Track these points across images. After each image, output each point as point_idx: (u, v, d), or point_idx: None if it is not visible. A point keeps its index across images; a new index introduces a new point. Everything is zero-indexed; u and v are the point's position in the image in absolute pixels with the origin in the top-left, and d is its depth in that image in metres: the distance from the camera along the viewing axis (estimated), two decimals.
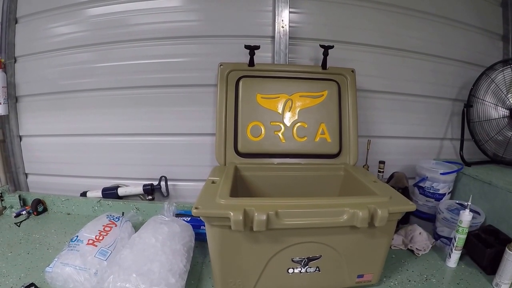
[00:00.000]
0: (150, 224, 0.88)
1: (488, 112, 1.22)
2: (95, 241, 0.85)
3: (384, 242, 0.78)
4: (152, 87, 1.25)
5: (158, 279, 0.71)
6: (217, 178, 0.88)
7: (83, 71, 1.26)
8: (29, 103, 1.34)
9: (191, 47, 1.22)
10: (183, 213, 1.09)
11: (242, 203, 0.68)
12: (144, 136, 1.30)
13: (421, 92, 1.35)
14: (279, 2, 1.17)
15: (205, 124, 1.24)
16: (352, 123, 1.12)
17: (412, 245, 1.00)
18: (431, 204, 1.17)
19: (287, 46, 1.19)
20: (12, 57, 1.29)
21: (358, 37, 1.26)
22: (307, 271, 0.77)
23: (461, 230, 0.88)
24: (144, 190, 1.26)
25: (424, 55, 1.33)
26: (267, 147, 1.08)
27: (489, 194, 1.05)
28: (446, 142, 1.44)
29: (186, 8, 1.21)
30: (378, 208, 0.68)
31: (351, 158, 1.11)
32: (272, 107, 1.09)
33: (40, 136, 1.36)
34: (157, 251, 0.78)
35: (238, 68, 1.11)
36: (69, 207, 1.25)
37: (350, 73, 1.14)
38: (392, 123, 1.35)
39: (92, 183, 1.33)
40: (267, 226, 0.66)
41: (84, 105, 1.30)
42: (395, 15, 1.27)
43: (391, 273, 0.90)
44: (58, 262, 0.78)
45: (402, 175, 1.19)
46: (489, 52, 1.41)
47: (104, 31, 1.22)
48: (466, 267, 0.92)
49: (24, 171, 1.40)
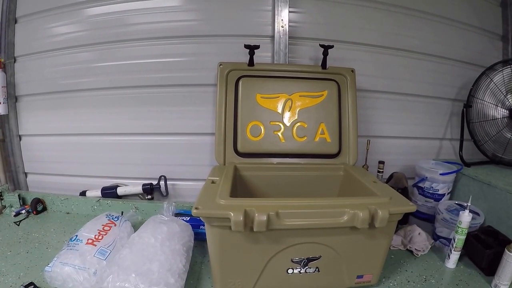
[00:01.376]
0: (150, 224, 0.89)
1: (488, 113, 1.22)
2: (94, 240, 0.85)
3: (383, 242, 0.78)
4: (151, 86, 1.25)
5: (157, 279, 0.71)
6: (216, 178, 0.88)
7: (83, 70, 1.26)
8: (28, 102, 1.34)
9: (190, 46, 1.22)
10: (182, 213, 1.09)
11: (242, 204, 0.68)
12: (143, 135, 1.30)
13: (420, 92, 1.35)
14: (279, 1, 1.17)
15: (205, 124, 1.24)
16: (351, 123, 1.12)
17: (411, 245, 1.00)
18: (430, 205, 1.17)
19: (287, 45, 1.19)
20: (12, 56, 1.29)
21: (358, 37, 1.26)
22: (307, 271, 0.77)
23: (461, 231, 0.88)
24: (144, 189, 1.26)
25: (423, 55, 1.33)
26: (266, 147, 1.08)
27: (488, 194, 1.05)
28: (445, 142, 1.44)
29: (186, 8, 1.20)
30: (378, 209, 0.68)
31: (351, 158, 1.11)
32: (272, 107, 1.09)
33: (40, 136, 1.36)
34: (156, 250, 0.78)
35: (237, 67, 1.11)
36: (69, 207, 1.25)
37: (350, 73, 1.14)
38: (392, 123, 1.35)
39: (92, 182, 1.33)
40: (268, 226, 0.66)
41: (84, 105, 1.29)
42: (395, 14, 1.27)
43: (390, 273, 0.90)
44: (57, 262, 0.77)
45: (402, 175, 1.19)
46: (488, 52, 1.41)
47: (104, 30, 1.22)
48: (465, 268, 0.92)
49: (24, 170, 1.40)
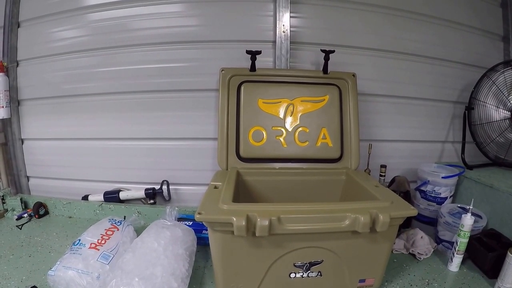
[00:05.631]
0: (153, 229, 0.89)
1: (490, 114, 1.22)
2: (97, 245, 0.85)
3: (385, 246, 0.78)
4: (153, 91, 1.26)
5: (161, 283, 0.71)
6: (219, 183, 0.88)
7: (85, 75, 1.27)
8: (31, 106, 1.35)
9: (192, 52, 1.23)
10: (185, 217, 1.09)
11: (245, 209, 0.69)
12: (146, 140, 1.30)
13: (422, 95, 1.35)
14: (280, 6, 1.18)
15: (207, 129, 1.25)
16: (353, 127, 1.12)
17: (414, 249, 1.00)
18: (432, 208, 1.16)
19: (288, 50, 1.20)
20: (15, 61, 1.31)
21: (359, 41, 1.26)
22: (309, 275, 0.77)
23: (463, 234, 0.88)
24: (146, 194, 1.26)
25: (424, 58, 1.33)
26: (268, 151, 1.09)
27: (491, 197, 1.04)
28: (447, 145, 1.44)
29: (188, 13, 1.22)
30: (379, 213, 0.68)
31: (353, 162, 1.11)
32: (274, 112, 1.10)
33: (42, 140, 1.37)
34: (159, 255, 0.78)
35: (239, 73, 1.11)
36: (71, 211, 1.25)
37: (351, 77, 1.14)
38: (393, 126, 1.35)
39: (94, 186, 1.34)
40: (270, 231, 0.66)
41: (86, 109, 1.30)
42: (395, 18, 1.28)
43: (393, 277, 0.90)
44: (60, 266, 0.78)
45: (404, 179, 1.19)
46: (489, 53, 1.41)
47: (106, 35, 1.23)
48: (468, 271, 0.92)
49: (26, 174, 1.41)
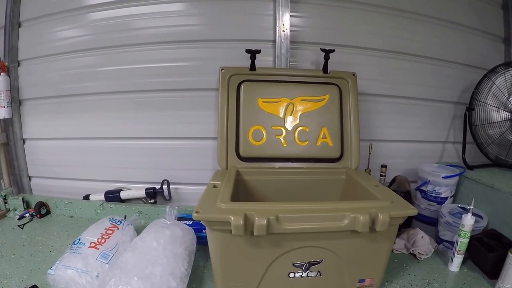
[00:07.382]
0: (152, 228, 0.89)
1: (490, 115, 1.22)
2: (97, 244, 0.85)
3: (385, 246, 0.77)
4: (154, 91, 1.26)
5: (160, 282, 0.71)
6: (218, 182, 0.88)
7: (86, 75, 1.28)
8: (32, 106, 1.36)
9: (192, 51, 1.23)
10: (185, 217, 1.09)
11: (243, 208, 0.69)
12: (146, 139, 1.30)
13: (422, 95, 1.35)
14: (280, 6, 1.18)
15: (207, 128, 1.25)
16: (353, 127, 1.12)
17: (414, 249, 1.00)
18: (433, 208, 1.16)
19: (288, 50, 1.20)
20: (16, 60, 1.31)
21: (359, 41, 1.26)
22: (308, 275, 0.77)
23: (464, 234, 0.88)
24: (147, 193, 1.27)
25: (425, 58, 1.33)
26: (268, 151, 1.09)
27: (491, 197, 1.04)
28: (448, 146, 1.44)
29: (188, 13, 1.22)
30: (379, 213, 0.68)
31: (353, 162, 1.11)
32: (274, 111, 1.10)
33: (44, 139, 1.38)
34: (158, 254, 0.78)
35: (239, 72, 1.11)
36: (72, 210, 1.26)
37: (352, 76, 1.14)
38: (394, 126, 1.35)
39: (95, 186, 1.34)
40: (268, 230, 0.66)
41: (87, 109, 1.31)
42: (396, 18, 1.28)
43: (393, 277, 0.89)
44: (60, 265, 0.78)
45: (404, 179, 1.18)
46: (490, 55, 1.40)
47: (107, 35, 1.24)
48: (469, 272, 0.92)
49: (28, 173, 1.42)
